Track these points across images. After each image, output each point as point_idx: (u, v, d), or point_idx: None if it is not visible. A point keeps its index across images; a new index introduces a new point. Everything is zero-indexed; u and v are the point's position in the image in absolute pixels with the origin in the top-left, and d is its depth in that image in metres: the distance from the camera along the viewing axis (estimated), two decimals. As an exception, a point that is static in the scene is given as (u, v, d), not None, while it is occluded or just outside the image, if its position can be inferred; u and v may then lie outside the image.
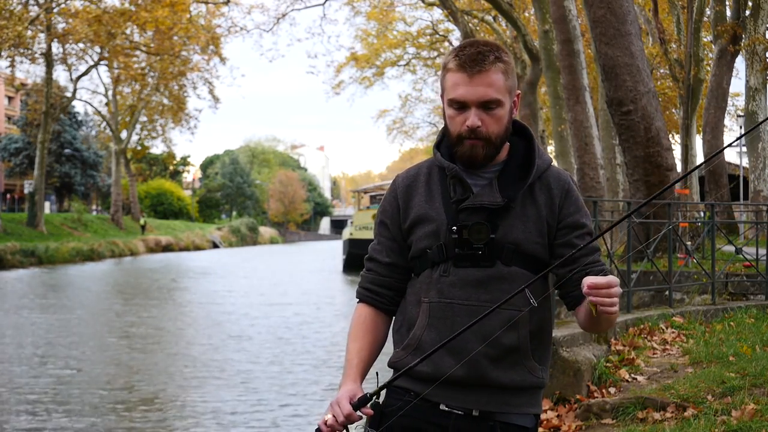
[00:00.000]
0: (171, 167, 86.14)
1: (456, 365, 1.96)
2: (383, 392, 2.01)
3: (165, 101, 51.44)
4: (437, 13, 35.72)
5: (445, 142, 2.13)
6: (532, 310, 1.99)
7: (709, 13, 22.02)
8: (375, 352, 2.14)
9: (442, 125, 2.15)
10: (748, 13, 20.68)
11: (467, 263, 2.02)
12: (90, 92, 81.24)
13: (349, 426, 1.98)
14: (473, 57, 2.01)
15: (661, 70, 26.76)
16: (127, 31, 41.24)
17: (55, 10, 37.84)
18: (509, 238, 2.02)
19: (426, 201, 2.09)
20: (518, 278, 2.01)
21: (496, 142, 2.04)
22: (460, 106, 2.03)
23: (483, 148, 2.03)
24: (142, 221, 56.89)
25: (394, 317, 2.18)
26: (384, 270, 2.15)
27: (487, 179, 2.06)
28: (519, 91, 2.11)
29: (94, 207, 67.62)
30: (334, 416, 1.97)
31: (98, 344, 13.38)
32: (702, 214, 13.46)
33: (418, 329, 2.05)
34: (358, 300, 2.19)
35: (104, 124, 56.31)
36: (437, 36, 38.29)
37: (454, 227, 2.02)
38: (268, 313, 17.83)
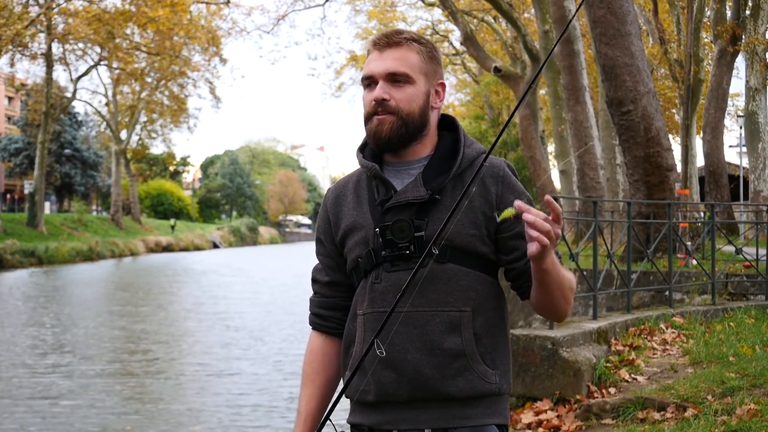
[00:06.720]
0: (171, 167, 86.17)
1: (397, 380, 1.84)
2: None
3: (165, 101, 51.45)
4: (437, 13, 35.73)
5: (369, 144, 2.01)
6: (476, 309, 1.86)
7: (709, 13, 22.01)
8: (327, 394, 2.04)
9: None
10: (748, 13, 20.67)
11: (398, 266, 1.87)
12: (90, 92, 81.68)
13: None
14: (387, 35, 1.93)
15: (661, 70, 26.74)
16: (128, 31, 41.22)
17: (55, 10, 37.81)
18: None
19: (354, 208, 1.97)
20: (454, 276, 1.87)
21: (407, 120, 1.89)
22: (369, 81, 1.91)
23: (391, 123, 1.88)
24: (172, 222, 62.63)
25: None
26: (326, 290, 2.04)
27: (412, 175, 1.92)
28: (443, 81, 1.97)
29: (94, 207, 67.62)
30: None
31: (93, 349, 13.38)
32: (702, 214, 13.45)
33: (358, 345, 1.92)
34: (311, 327, 2.08)
35: (104, 124, 56.37)
36: (437, 36, 38.26)
37: (377, 229, 1.89)
38: (279, 322, 17.81)
